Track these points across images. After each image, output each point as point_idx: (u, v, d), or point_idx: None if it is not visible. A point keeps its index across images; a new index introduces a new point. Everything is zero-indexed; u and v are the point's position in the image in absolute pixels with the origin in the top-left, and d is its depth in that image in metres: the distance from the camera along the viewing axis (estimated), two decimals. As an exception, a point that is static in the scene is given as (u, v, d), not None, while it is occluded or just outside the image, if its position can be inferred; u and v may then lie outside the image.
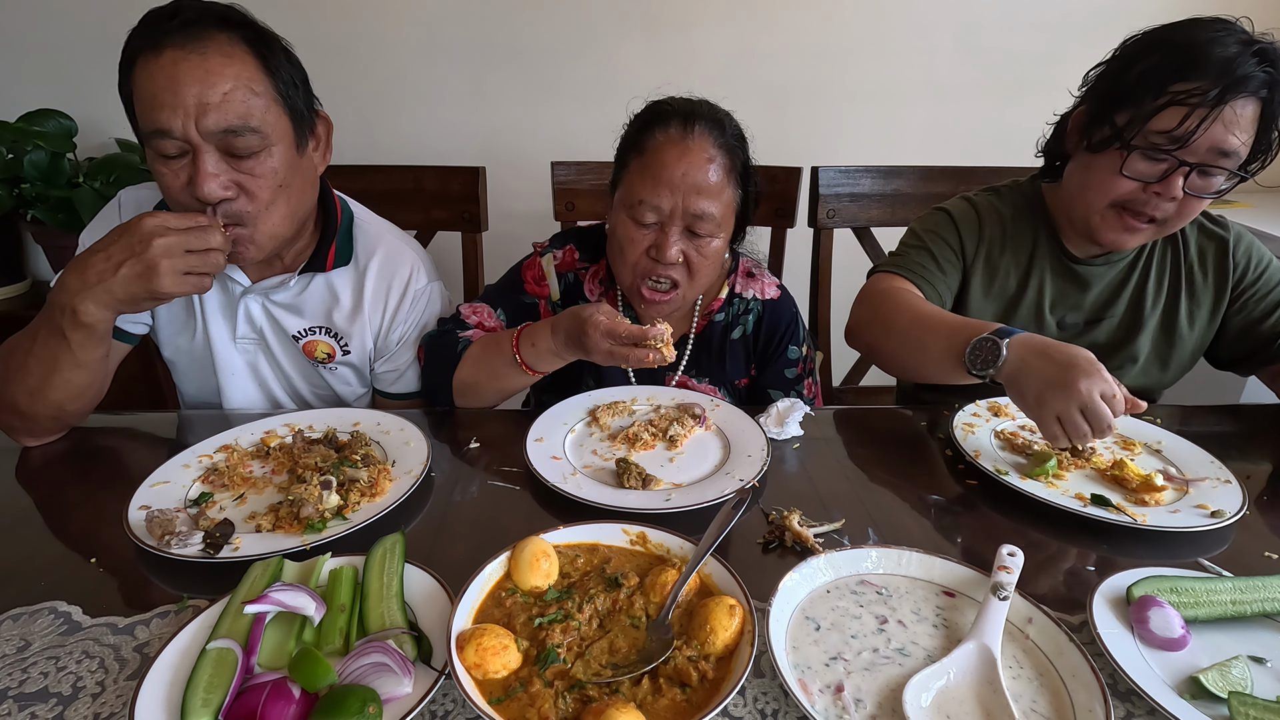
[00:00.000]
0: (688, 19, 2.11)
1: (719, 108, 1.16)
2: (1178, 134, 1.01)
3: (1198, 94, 0.98)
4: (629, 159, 1.15)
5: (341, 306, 1.21)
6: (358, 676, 0.60)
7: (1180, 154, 1.02)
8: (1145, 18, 1.13)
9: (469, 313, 1.25)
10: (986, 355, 0.96)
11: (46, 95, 2.06)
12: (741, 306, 1.29)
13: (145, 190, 1.17)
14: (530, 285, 1.30)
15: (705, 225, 1.11)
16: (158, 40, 0.93)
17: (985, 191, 1.32)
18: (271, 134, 0.99)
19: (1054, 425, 0.90)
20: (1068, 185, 1.19)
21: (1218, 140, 1.00)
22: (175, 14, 0.94)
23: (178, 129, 0.93)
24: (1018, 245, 1.26)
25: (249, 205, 1.00)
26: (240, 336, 1.20)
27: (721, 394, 1.28)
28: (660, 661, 0.63)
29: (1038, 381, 0.91)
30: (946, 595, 0.75)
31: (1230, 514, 0.87)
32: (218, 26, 0.96)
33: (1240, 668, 0.65)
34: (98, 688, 0.64)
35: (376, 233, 1.24)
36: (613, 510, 0.86)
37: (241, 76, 0.96)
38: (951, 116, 2.25)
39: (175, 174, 0.97)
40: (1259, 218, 1.94)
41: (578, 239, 1.31)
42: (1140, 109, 1.03)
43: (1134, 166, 1.06)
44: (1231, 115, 0.99)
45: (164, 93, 0.92)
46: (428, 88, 2.17)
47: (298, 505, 0.83)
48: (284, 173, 1.02)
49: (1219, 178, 1.05)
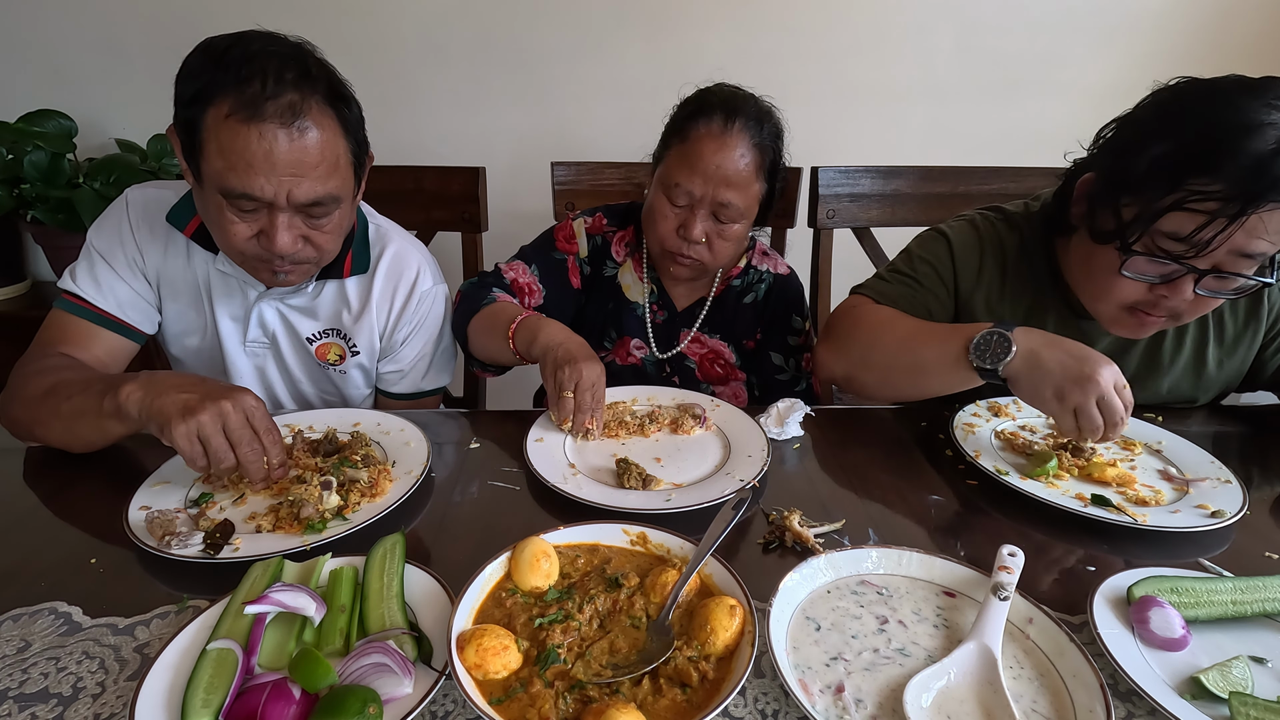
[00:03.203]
0: (688, 19, 2.11)
1: (762, 104, 1.24)
2: (1190, 241, 0.86)
3: (1215, 199, 0.82)
4: (672, 142, 1.24)
5: (351, 308, 1.22)
6: (358, 677, 0.60)
7: (1191, 260, 0.88)
8: (1144, 18, 1.12)
9: (507, 269, 1.35)
10: (995, 348, 0.92)
11: (46, 95, 2.06)
12: (756, 277, 1.42)
13: (152, 189, 1.17)
14: (561, 243, 1.40)
15: (729, 213, 1.22)
16: (258, 107, 0.91)
17: (996, 215, 1.20)
18: (343, 194, 1.03)
19: (1071, 419, 0.89)
20: (1073, 262, 1.07)
21: (1239, 246, 0.86)
22: (268, 70, 0.91)
23: (268, 196, 0.95)
24: (1018, 290, 1.15)
25: (314, 254, 1.06)
26: (250, 340, 1.21)
27: (730, 350, 1.42)
28: (661, 662, 0.63)
29: (1056, 374, 0.88)
30: (947, 595, 0.75)
31: (1230, 514, 0.87)
32: (312, 87, 0.95)
33: (1241, 668, 0.65)
34: (98, 688, 0.64)
35: (385, 234, 1.25)
36: (613, 510, 0.86)
37: (330, 145, 0.98)
38: (951, 116, 2.25)
39: (246, 225, 0.99)
40: None
41: (606, 210, 1.43)
42: (1148, 205, 0.88)
43: (1136, 268, 0.93)
44: (1257, 222, 0.83)
45: (260, 163, 0.93)
46: (428, 88, 2.17)
47: (298, 506, 0.83)
48: (345, 222, 1.07)
49: (1241, 279, 0.90)
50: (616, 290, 1.41)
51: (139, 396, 0.87)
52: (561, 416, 1.04)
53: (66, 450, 1.00)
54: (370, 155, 1.12)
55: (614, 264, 1.41)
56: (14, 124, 1.92)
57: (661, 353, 1.42)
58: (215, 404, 0.83)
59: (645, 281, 1.40)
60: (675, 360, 1.42)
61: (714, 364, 1.42)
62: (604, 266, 1.41)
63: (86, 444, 0.99)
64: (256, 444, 0.85)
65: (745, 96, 1.23)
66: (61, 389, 0.96)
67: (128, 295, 1.14)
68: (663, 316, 1.41)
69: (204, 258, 1.15)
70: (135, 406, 0.87)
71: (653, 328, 1.41)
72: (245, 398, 0.86)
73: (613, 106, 2.19)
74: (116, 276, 1.13)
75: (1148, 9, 2.09)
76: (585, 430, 1.03)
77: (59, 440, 0.99)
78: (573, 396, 1.02)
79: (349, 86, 1.04)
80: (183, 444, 0.83)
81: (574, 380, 1.02)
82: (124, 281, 1.14)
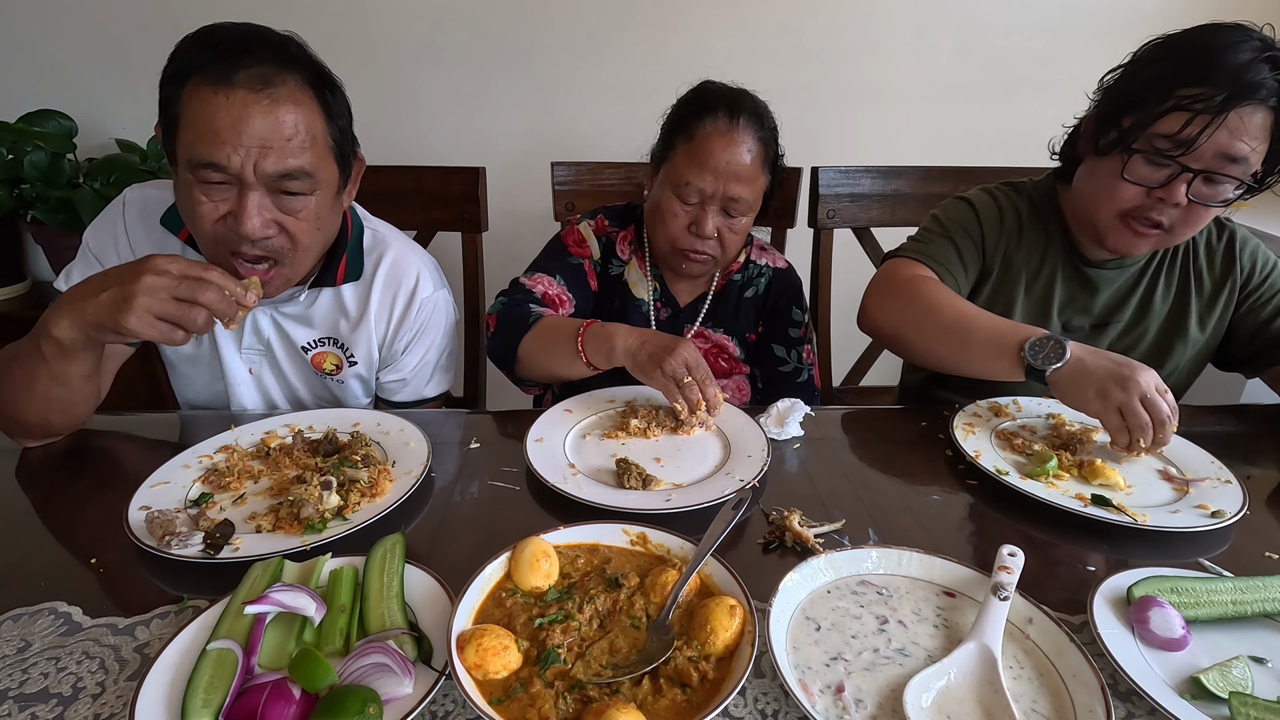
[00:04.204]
0: (688, 19, 2.11)
1: (759, 99, 1.26)
2: (1180, 138, 0.99)
3: (1203, 99, 0.97)
4: (677, 141, 1.25)
5: (349, 317, 1.20)
6: (358, 677, 0.60)
7: (1184, 159, 1.01)
8: (1144, 18, 1.13)
9: (532, 284, 1.32)
10: (1050, 352, 0.98)
11: (46, 95, 2.06)
12: (755, 271, 1.44)
13: (150, 189, 1.16)
14: (573, 248, 1.40)
15: (739, 207, 1.25)
16: (230, 76, 0.90)
17: (1005, 186, 1.31)
18: (320, 179, 1.00)
19: (1116, 417, 0.93)
20: (1077, 189, 1.19)
21: (1223, 146, 0.99)
22: (246, 48, 0.92)
23: (234, 166, 0.92)
24: (1031, 244, 1.25)
25: (287, 244, 1.01)
26: (246, 347, 1.20)
27: (733, 344, 1.43)
28: (661, 662, 0.63)
29: (1100, 376, 0.94)
30: (947, 595, 0.75)
31: (1230, 514, 0.87)
32: (290, 67, 0.95)
33: (1241, 668, 0.65)
34: (98, 688, 0.64)
35: (384, 241, 1.23)
36: (613, 510, 0.86)
37: (306, 122, 0.96)
38: (951, 116, 2.25)
39: (215, 205, 0.95)
40: (1260, 218, 1.94)
41: (605, 210, 1.44)
42: (1146, 112, 1.02)
43: (1136, 170, 1.05)
44: (1238, 122, 0.97)
45: (227, 130, 0.91)
46: (428, 88, 2.17)
47: (298, 505, 0.83)
48: (324, 216, 1.04)
49: (1227, 185, 1.03)
50: (624, 288, 1.41)
51: (67, 321, 0.87)
52: (693, 402, 1.02)
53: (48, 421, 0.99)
54: (360, 157, 1.11)
55: (620, 262, 1.41)
56: (14, 124, 1.92)
57: None
58: (138, 282, 0.83)
59: (649, 279, 1.41)
60: None
61: (718, 358, 1.43)
62: (610, 265, 1.42)
63: (60, 403, 0.97)
64: (208, 285, 0.85)
65: (742, 92, 1.25)
66: (5, 360, 0.96)
67: None
68: (666, 313, 1.42)
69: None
70: (69, 330, 0.87)
71: (657, 324, 1.42)
72: (155, 260, 0.85)
73: (613, 106, 2.19)
74: None
75: (1148, 9, 2.09)
76: (716, 405, 1.03)
77: (36, 413, 0.97)
78: (693, 381, 1.02)
79: (337, 79, 1.02)
80: (145, 331, 0.83)
81: (682, 366, 1.02)
82: None
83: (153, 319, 0.83)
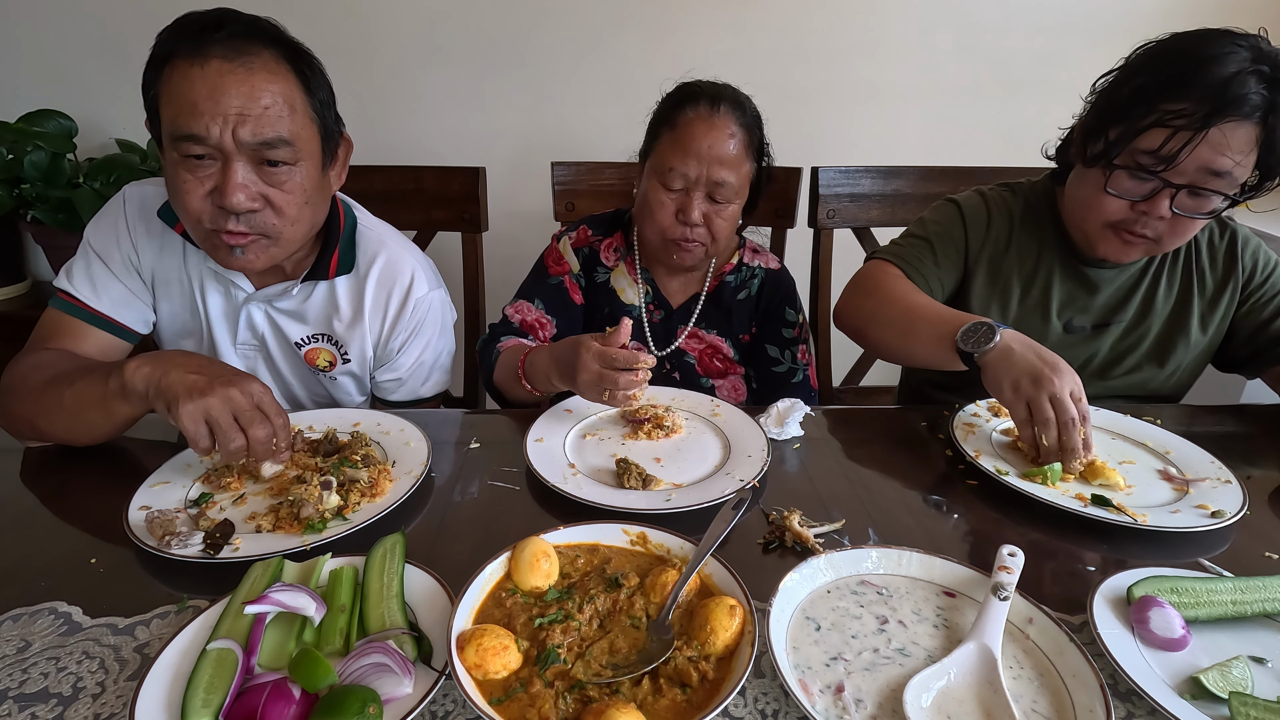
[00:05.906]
0: (688, 20, 2.11)
1: (741, 91, 1.28)
2: (1161, 154, 0.99)
3: (1185, 115, 0.96)
4: (660, 132, 1.28)
5: (342, 314, 1.20)
6: (358, 677, 0.60)
7: (1166, 174, 1.01)
8: (1144, 18, 1.13)
9: (513, 313, 1.38)
10: (981, 337, 0.99)
11: (46, 95, 2.06)
12: (749, 273, 1.44)
13: (149, 186, 1.16)
14: (552, 267, 1.43)
15: (724, 192, 1.25)
16: (203, 49, 0.92)
17: (1001, 186, 1.32)
18: (303, 150, 1.00)
19: (1023, 409, 0.94)
20: (1068, 195, 1.19)
21: (1205, 161, 0.98)
22: (221, 25, 0.93)
23: (213, 137, 0.93)
24: (1024, 245, 1.26)
25: (275, 219, 1.01)
26: (240, 342, 1.20)
27: (727, 345, 1.44)
28: (660, 662, 0.63)
29: (1020, 367, 0.95)
30: (947, 595, 0.75)
31: (1231, 514, 0.87)
32: (264, 42, 0.96)
33: (1241, 668, 0.65)
34: (98, 688, 0.64)
35: (379, 239, 1.23)
36: (613, 510, 0.86)
37: (283, 92, 0.96)
38: (951, 116, 2.25)
39: (199, 181, 0.96)
40: (1260, 219, 1.94)
41: (589, 220, 1.46)
42: (1129, 126, 1.02)
43: (1120, 184, 1.05)
44: (1220, 137, 0.96)
45: (204, 101, 0.92)
46: (428, 88, 2.17)
47: (298, 505, 0.83)
48: (310, 189, 1.04)
49: (1214, 198, 1.02)
50: (611, 295, 1.42)
51: (146, 371, 0.87)
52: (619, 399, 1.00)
53: (70, 443, 1.00)
54: (346, 137, 1.11)
55: (605, 269, 1.42)
56: (14, 124, 1.92)
57: (659, 350, 1.42)
58: (224, 389, 0.84)
59: (640, 283, 1.41)
60: (675, 356, 1.43)
61: (713, 358, 1.43)
62: (595, 274, 1.42)
63: (92, 432, 0.98)
64: (267, 425, 0.86)
65: (725, 85, 1.28)
66: (63, 378, 0.96)
67: (122, 294, 1.14)
68: (659, 316, 1.42)
69: (197, 257, 1.15)
70: (142, 382, 0.87)
71: (650, 327, 1.43)
72: (253, 384, 0.87)
73: (613, 107, 2.19)
74: (111, 275, 1.13)
75: (1148, 9, 2.09)
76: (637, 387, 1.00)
77: (64, 431, 0.98)
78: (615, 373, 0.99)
79: (316, 59, 1.03)
80: (188, 424, 0.83)
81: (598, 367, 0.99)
82: (119, 280, 1.13)
83: (200, 418, 0.83)
